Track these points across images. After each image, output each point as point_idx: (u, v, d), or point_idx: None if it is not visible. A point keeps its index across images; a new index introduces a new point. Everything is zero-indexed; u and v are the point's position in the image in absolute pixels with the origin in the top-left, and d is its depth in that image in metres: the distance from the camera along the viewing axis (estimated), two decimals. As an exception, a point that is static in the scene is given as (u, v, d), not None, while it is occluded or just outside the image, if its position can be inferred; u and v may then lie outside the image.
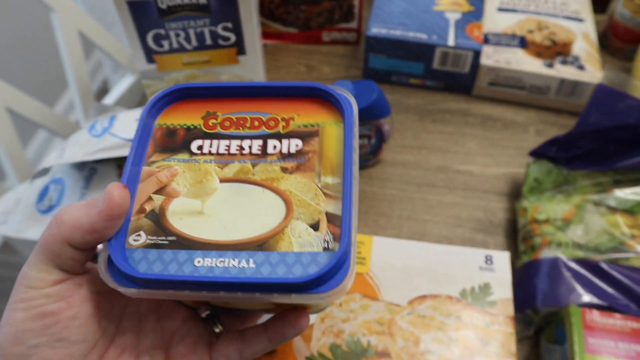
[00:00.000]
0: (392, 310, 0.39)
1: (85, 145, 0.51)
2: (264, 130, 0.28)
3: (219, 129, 0.28)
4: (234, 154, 0.28)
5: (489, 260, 0.42)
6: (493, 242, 0.53)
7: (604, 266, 0.45)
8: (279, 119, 0.28)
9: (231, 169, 0.27)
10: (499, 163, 0.59)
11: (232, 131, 0.28)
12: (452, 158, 0.60)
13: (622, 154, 0.50)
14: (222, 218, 0.26)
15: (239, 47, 0.55)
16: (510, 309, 0.40)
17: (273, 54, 0.71)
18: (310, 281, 0.23)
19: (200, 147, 0.28)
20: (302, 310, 0.28)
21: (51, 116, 0.83)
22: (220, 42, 0.54)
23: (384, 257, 0.42)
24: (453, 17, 0.65)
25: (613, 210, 0.48)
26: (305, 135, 0.28)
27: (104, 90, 1.87)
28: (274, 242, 0.25)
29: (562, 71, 0.61)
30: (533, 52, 0.63)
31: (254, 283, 0.23)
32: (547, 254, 0.47)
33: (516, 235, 0.53)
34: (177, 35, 0.53)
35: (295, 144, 0.28)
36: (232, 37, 0.54)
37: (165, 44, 0.54)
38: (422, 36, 0.62)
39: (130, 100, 0.85)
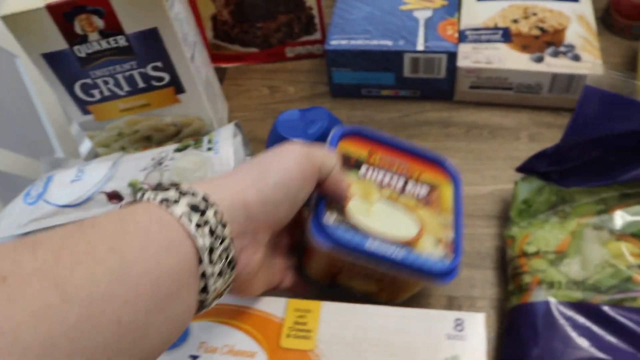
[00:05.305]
0: (339, 397, 0.33)
1: (19, 216, 0.47)
2: (404, 174, 0.40)
3: (377, 163, 0.40)
4: (388, 184, 0.39)
5: (459, 325, 0.35)
6: (480, 279, 0.46)
7: (606, 310, 0.37)
8: (414, 171, 0.41)
9: (385, 192, 0.39)
10: (485, 179, 0.52)
11: (385, 168, 0.40)
12: (433, 179, 0.53)
13: (630, 163, 0.42)
14: (381, 219, 0.37)
15: (177, 86, 0.50)
16: (484, 385, 0.33)
17: (234, 78, 0.65)
18: (439, 273, 0.36)
19: (365, 171, 0.39)
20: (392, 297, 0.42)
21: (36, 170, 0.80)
22: (154, 83, 0.49)
23: (333, 327, 0.36)
24: (423, 15, 0.57)
25: (617, 235, 0.40)
26: (429, 187, 0.41)
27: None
28: (414, 244, 0.37)
29: (554, 64, 0.53)
30: (518, 46, 0.55)
31: (403, 263, 0.36)
32: (537, 296, 0.40)
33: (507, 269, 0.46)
34: (106, 83, 0.48)
35: (425, 190, 0.40)
36: (166, 77, 0.49)
37: (96, 93, 0.49)
38: (387, 43, 0.55)
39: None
